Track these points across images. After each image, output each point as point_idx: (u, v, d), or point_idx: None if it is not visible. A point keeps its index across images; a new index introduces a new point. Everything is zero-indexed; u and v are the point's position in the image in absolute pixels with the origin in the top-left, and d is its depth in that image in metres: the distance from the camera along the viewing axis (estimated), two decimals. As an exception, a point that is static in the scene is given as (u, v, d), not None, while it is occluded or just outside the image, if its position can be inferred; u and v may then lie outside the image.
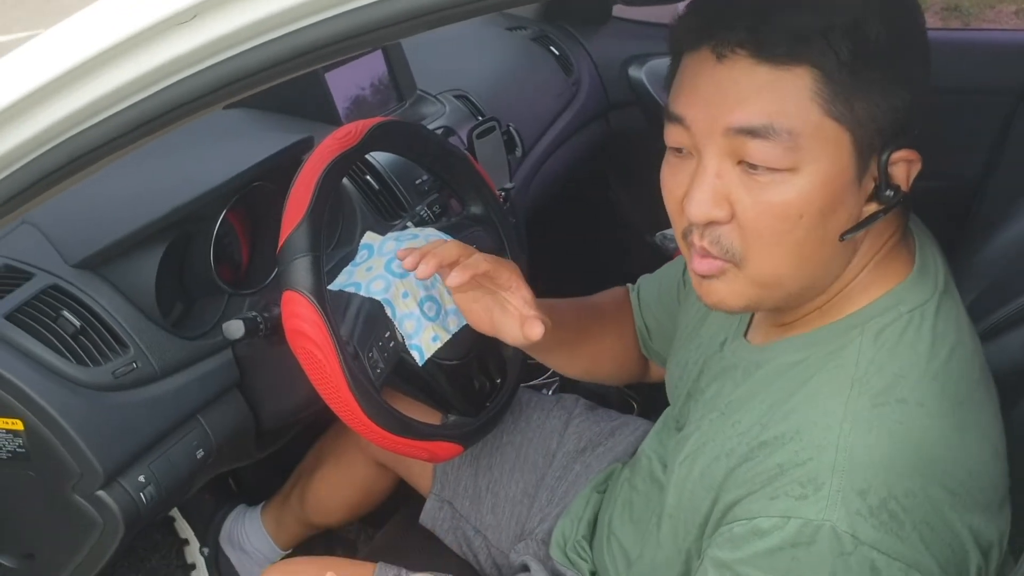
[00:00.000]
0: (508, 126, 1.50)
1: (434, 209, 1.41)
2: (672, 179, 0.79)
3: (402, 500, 1.47)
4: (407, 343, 1.10)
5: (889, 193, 0.74)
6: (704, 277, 0.79)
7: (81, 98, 0.74)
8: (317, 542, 1.70)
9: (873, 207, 0.76)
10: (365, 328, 1.07)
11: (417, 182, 1.46)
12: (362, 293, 1.09)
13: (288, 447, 1.45)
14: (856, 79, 0.70)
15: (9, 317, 1.02)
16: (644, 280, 1.21)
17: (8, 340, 1.02)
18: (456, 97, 1.73)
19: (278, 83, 0.75)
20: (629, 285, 1.24)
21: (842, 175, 0.73)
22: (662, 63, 2.24)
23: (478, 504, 1.27)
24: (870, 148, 0.73)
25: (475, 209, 1.26)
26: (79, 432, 1.01)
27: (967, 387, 0.76)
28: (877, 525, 0.69)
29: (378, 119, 1.12)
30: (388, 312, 1.09)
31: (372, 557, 1.36)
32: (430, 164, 1.24)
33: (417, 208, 1.39)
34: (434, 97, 1.70)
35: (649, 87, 2.23)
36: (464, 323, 1.15)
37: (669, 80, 0.81)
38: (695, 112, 0.75)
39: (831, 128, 0.71)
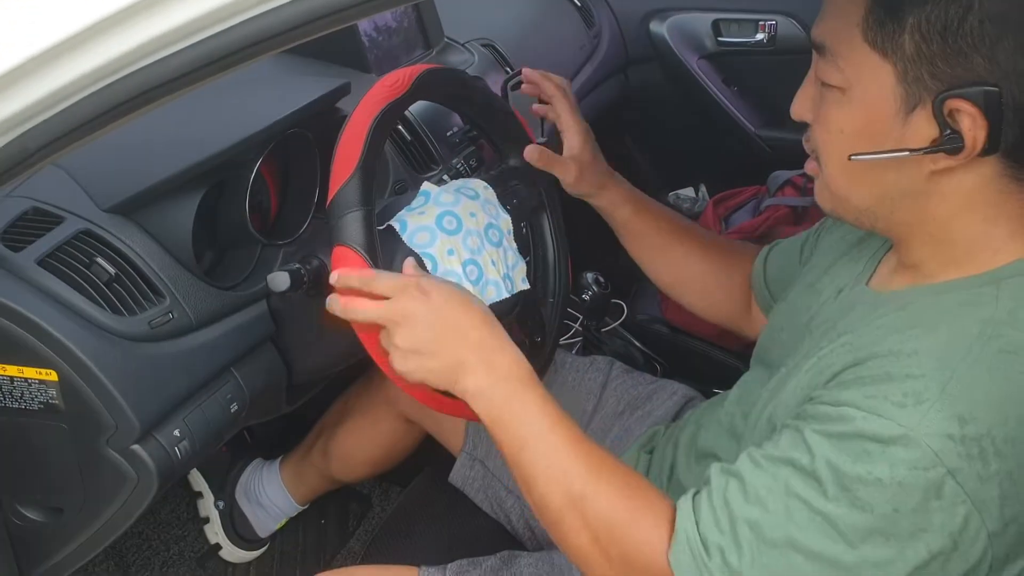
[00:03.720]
0: (542, 78, 1.46)
1: (471, 162, 1.37)
2: None
3: (425, 458, 1.45)
4: None
5: (948, 133, 0.73)
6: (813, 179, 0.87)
7: (139, 35, 0.70)
8: (332, 498, 1.69)
9: (943, 157, 0.75)
10: None
11: (448, 134, 1.42)
12: (404, 236, 1.05)
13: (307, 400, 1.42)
14: (908, 14, 0.72)
15: (41, 263, 0.98)
16: (782, 241, 1.20)
17: (40, 286, 0.97)
18: (483, 46, 1.68)
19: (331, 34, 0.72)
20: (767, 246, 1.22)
21: (883, 105, 0.76)
22: (684, 18, 2.20)
23: (512, 464, 1.25)
24: (919, 86, 0.73)
25: (514, 162, 1.23)
26: (115, 384, 0.97)
27: None
28: (963, 455, 0.68)
29: (424, 66, 1.07)
30: (428, 266, 1.05)
31: (396, 516, 1.35)
32: (472, 115, 1.20)
33: (453, 161, 1.36)
34: (462, 45, 1.65)
35: (671, 43, 2.19)
36: (502, 297, 1.12)
37: None
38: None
39: (870, 56, 0.75)
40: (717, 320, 1.25)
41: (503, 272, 1.13)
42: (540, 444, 0.82)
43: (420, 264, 1.04)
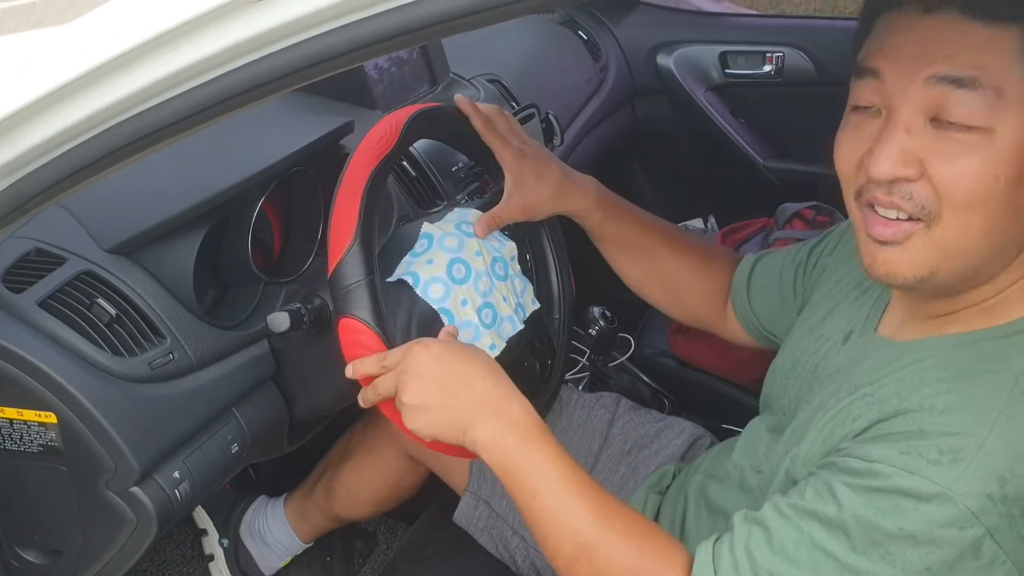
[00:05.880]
0: (547, 113, 1.46)
1: (475, 197, 1.37)
2: (851, 139, 0.77)
3: (431, 496, 1.44)
4: None
5: None
6: (882, 244, 0.76)
7: (140, 79, 0.70)
8: (337, 535, 1.67)
9: None
10: (419, 334, 1.02)
11: (453, 169, 1.42)
12: (418, 290, 1.04)
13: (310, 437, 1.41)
14: None
15: (42, 304, 0.97)
16: (768, 255, 1.17)
17: (41, 328, 0.97)
18: (489, 81, 1.69)
19: (346, 70, 0.71)
20: (749, 255, 1.19)
21: None
22: (691, 51, 2.21)
23: (517, 504, 1.23)
24: None
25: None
26: (115, 426, 0.96)
27: None
28: (1004, 515, 0.67)
29: (414, 108, 1.05)
30: (445, 321, 1.04)
31: (401, 555, 1.34)
32: (468, 147, 1.18)
33: (457, 196, 1.35)
34: (467, 81, 1.65)
35: (678, 75, 2.19)
36: (517, 330, 1.11)
37: (859, 41, 0.79)
38: (893, 63, 0.73)
39: None
40: (688, 321, 1.23)
41: (515, 304, 1.12)
42: (551, 493, 0.82)
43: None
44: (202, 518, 1.62)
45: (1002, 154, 0.69)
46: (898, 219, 0.74)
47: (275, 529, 1.56)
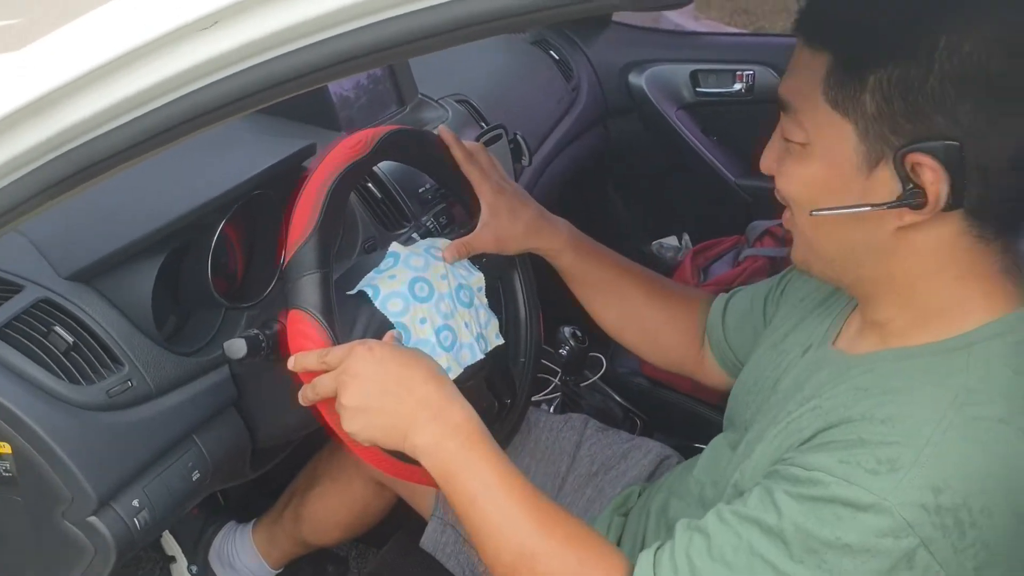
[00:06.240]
0: (515, 134, 1.46)
1: (440, 220, 1.36)
2: None
3: (400, 521, 1.42)
4: None
5: (910, 187, 0.73)
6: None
7: (93, 104, 0.69)
8: (308, 560, 1.65)
9: (907, 212, 0.74)
10: None
11: (420, 191, 1.42)
12: (377, 302, 1.03)
13: (277, 462, 1.39)
14: (869, 74, 0.72)
15: (-3, 333, 0.97)
16: (741, 290, 1.18)
17: (-5, 357, 0.96)
18: (458, 102, 1.69)
19: (299, 94, 0.71)
20: (722, 294, 1.20)
21: (844, 161, 0.76)
22: (663, 70, 2.22)
23: (484, 528, 1.22)
24: (881, 142, 0.74)
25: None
26: (71, 455, 0.95)
27: None
28: (938, 525, 0.68)
29: (389, 127, 1.07)
30: (402, 339, 1.03)
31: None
32: (441, 175, 1.19)
33: (423, 219, 1.35)
34: (436, 102, 1.65)
35: (649, 94, 2.20)
36: (476, 359, 1.10)
37: None
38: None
39: (830, 114, 0.75)
40: (665, 365, 1.23)
41: (476, 333, 1.12)
42: (490, 499, 0.82)
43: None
44: (170, 544, 1.60)
45: (814, 166, 0.78)
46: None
47: (244, 555, 1.55)
